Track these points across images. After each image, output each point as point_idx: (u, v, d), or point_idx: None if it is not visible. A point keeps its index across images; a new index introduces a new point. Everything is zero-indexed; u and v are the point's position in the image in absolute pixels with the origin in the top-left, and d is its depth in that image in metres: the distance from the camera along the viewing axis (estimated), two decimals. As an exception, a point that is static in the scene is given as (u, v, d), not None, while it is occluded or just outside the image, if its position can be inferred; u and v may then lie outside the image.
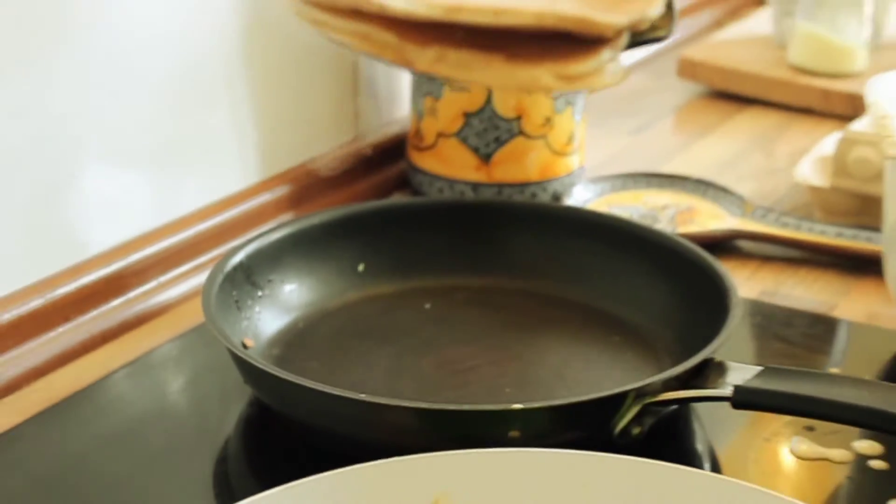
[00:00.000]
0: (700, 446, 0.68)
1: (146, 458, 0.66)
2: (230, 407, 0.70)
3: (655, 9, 0.67)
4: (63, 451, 0.66)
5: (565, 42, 0.63)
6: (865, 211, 0.92)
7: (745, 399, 0.61)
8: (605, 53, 0.49)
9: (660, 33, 0.77)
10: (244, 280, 0.74)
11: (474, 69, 0.50)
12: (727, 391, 0.62)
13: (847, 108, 1.12)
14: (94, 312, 0.76)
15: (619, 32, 0.58)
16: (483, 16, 0.62)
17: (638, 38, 0.76)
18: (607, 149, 1.08)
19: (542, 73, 0.54)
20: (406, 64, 0.65)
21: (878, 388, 0.60)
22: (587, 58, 0.51)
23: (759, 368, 0.63)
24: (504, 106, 0.91)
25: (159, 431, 0.68)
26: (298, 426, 0.66)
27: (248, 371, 0.66)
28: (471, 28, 0.65)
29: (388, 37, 0.63)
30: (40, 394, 0.71)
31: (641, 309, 0.77)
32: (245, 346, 0.72)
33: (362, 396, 0.61)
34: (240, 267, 0.74)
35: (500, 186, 0.94)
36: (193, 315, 0.77)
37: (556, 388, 0.71)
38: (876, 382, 0.62)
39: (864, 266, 0.86)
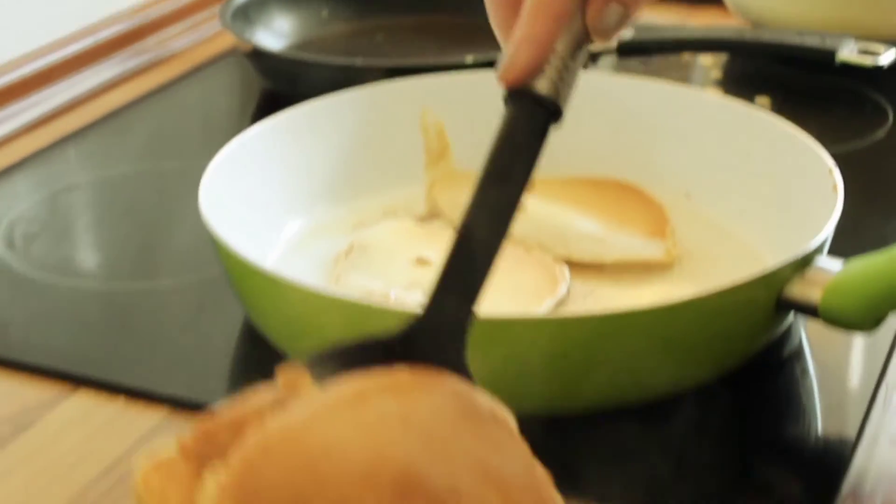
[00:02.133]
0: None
1: (184, 126, 0.92)
2: (243, 103, 0.95)
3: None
4: (134, 140, 0.90)
5: None
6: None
7: (628, 47, 0.88)
8: None
9: None
10: (244, 18, 0.98)
11: None
12: (614, 45, 0.88)
13: None
14: (129, 51, 1.00)
15: None
16: None
17: None
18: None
19: None
20: None
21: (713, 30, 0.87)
22: None
23: (633, 28, 0.89)
24: None
25: (192, 118, 0.93)
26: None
27: (265, 59, 0.91)
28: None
29: None
30: (99, 107, 0.93)
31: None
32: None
33: (357, 61, 0.87)
34: (240, 9, 0.98)
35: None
36: (199, 57, 1.02)
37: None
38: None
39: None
